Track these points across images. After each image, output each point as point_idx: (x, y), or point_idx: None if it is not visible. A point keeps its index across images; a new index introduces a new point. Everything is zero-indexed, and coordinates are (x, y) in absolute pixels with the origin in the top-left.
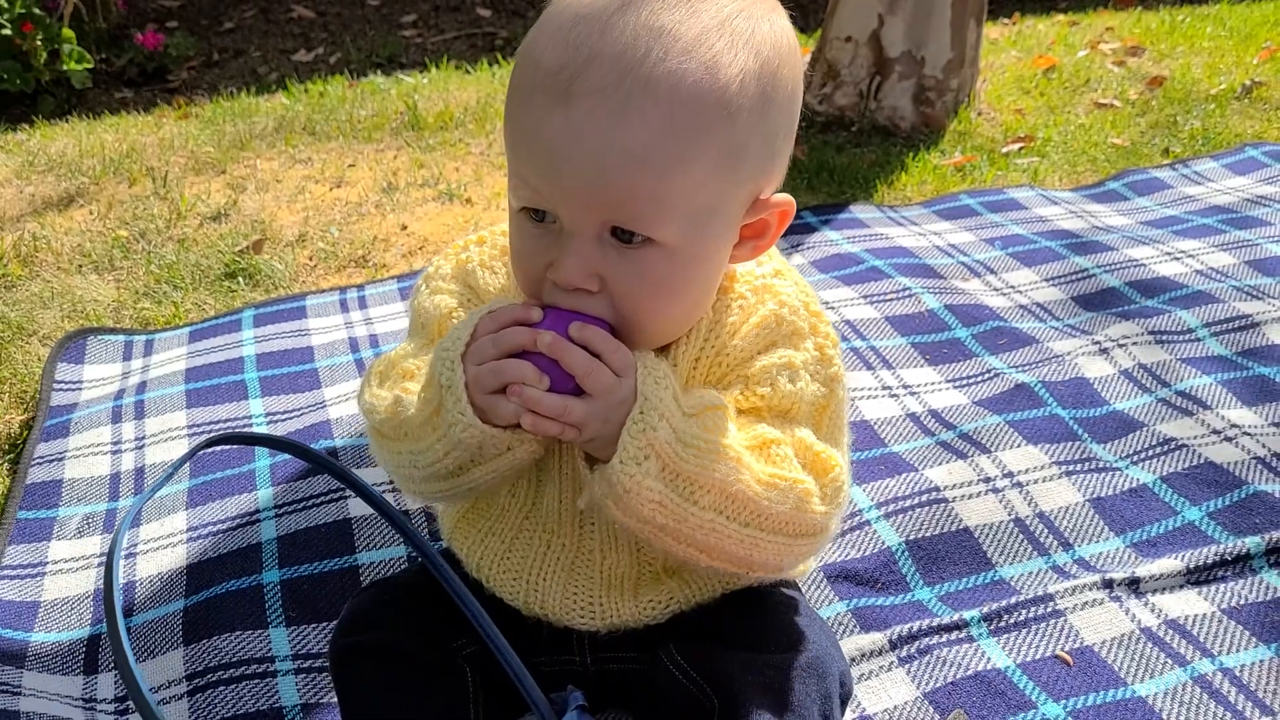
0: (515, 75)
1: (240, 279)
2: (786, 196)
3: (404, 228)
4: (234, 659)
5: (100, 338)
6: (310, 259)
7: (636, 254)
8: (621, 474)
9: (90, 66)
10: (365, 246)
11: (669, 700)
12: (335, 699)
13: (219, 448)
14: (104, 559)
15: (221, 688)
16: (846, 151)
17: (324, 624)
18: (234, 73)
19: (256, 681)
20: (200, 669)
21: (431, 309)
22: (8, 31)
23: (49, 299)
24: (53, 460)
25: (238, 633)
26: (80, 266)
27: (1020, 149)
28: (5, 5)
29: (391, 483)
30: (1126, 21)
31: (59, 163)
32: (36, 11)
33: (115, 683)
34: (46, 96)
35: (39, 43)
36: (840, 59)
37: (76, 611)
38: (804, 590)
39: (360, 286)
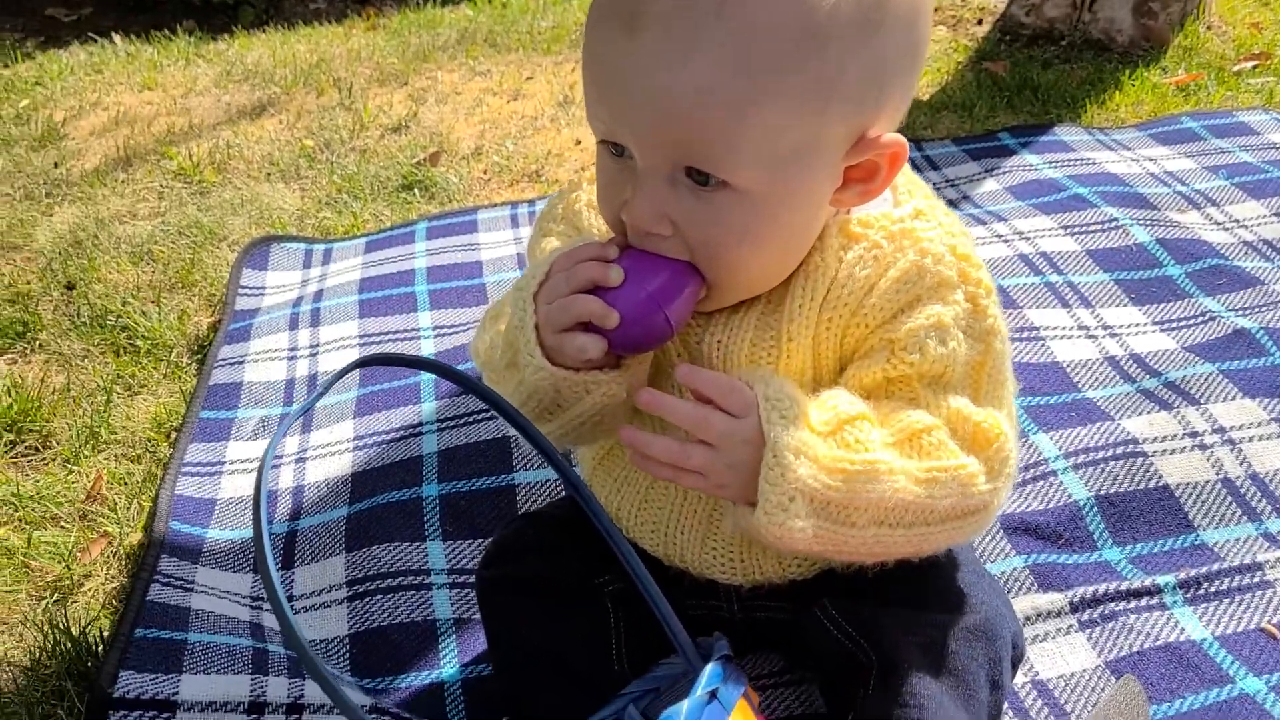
0: None
1: (416, 191)
2: (898, 137)
3: (578, 143)
4: (392, 569)
5: (283, 245)
6: (484, 172)
7: (713, 197)
8: (768, 523)
9: None
10: (539, 161)
11: (823, 653)
12: None
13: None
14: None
15: (379, 596)
16: (1054, 68)
17: (479, 540)
18: None
19: (412, 593)
20: (360, 576)
21: (539, 253)
22: None
23: (239, 206)
24: (234, 363)
25: (396, 543)
26: (269, 175)
27: (1254, 68)
28: None
29: None
30: None
31: (254, 72)
32: None
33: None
34: (246, 7)
35: None
36: None
37: (249, 512)
38: (977, 543)
39: (531, 202)
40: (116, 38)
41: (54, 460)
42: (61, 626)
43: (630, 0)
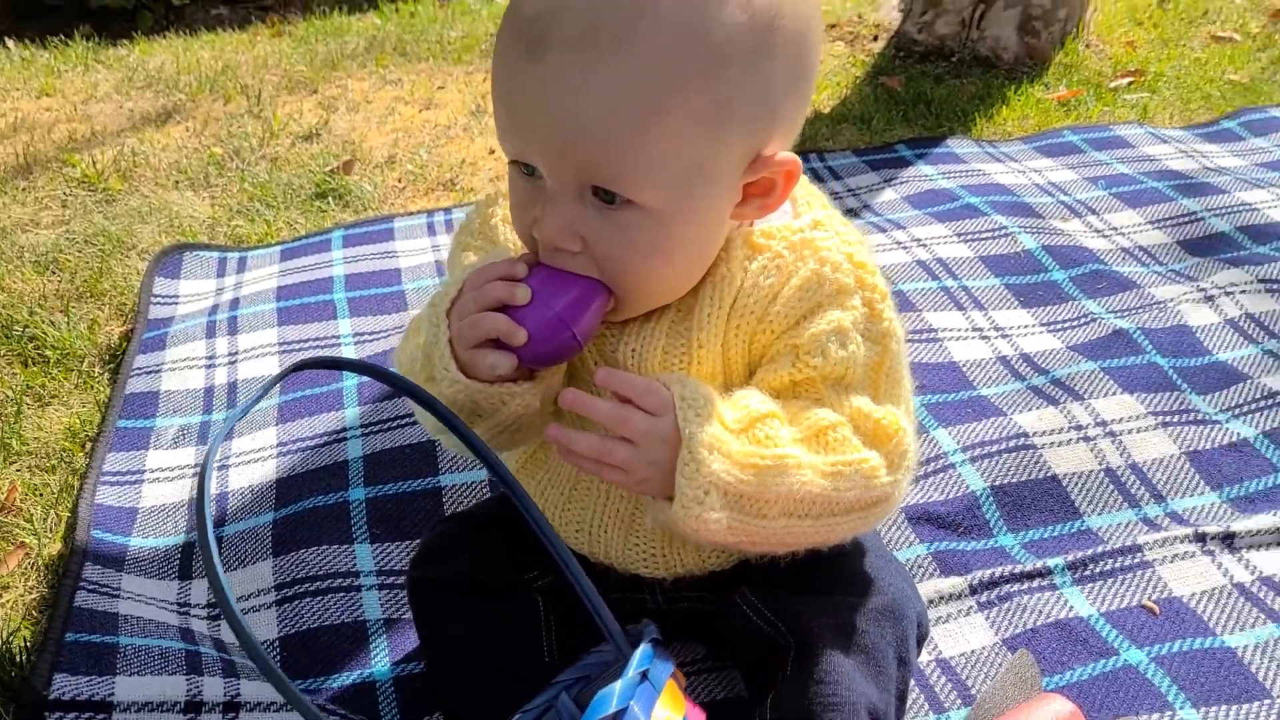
0: (502, 21)
1: (330, 199)
2: (792, 155)
3: (491, 151)
4: (320, 572)
5: (195, 253)
6: (399, 181)
7: (618, 215)
8: (684, 515)
9: None
10: (453, 169)
11: (744, 639)
12: None
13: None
14: (197, 469)
15: (308, 599)
16: (945, 83)
17: (407, 542)
18: None
19: (341, 595)
20: (288, 580)
21: (458, 268)
22: None
23: (147, 214)
24: (150, 372)
25: (324, 547)
26: (177, 183)
27: (1130, 84)
28: None
29: None
30: None
31: (157, 79)
32: None
33: (208, 589)
34: (145, 12)
35: None
36: None
37: (172, 519)
38: (883, 532)
39: (448, 210)
40: (10, 43)
41: None
42: None
43: (534, 25)
